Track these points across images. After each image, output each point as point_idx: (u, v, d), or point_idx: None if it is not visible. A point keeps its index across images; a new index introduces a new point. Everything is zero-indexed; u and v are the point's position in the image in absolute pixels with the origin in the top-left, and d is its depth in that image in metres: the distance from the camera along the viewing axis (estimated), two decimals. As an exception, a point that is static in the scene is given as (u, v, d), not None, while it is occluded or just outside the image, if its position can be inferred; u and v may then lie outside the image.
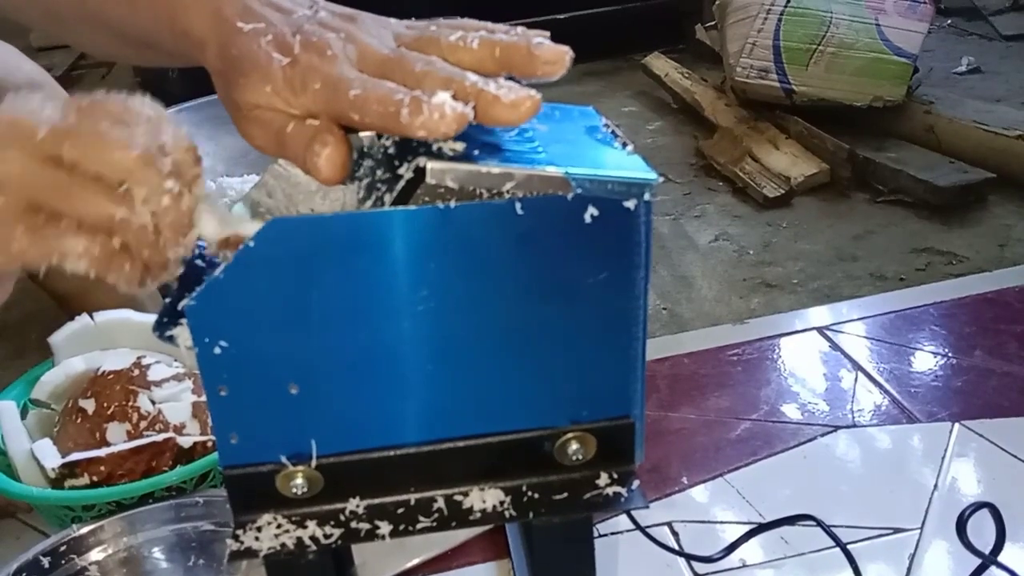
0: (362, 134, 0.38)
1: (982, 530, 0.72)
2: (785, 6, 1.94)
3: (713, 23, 2.25)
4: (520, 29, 0.39)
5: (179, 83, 2.04)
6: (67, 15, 0.51)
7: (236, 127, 0.40)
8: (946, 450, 0.84)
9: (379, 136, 0.38)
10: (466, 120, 0.34)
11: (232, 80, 0.38)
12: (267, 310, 0.34)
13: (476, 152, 0.35)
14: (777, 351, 1.01)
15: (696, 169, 1.90)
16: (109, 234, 0.35)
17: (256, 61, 0.38)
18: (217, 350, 0.34)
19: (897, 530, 0.76)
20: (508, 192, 0.34)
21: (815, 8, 1.94)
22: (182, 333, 0.36)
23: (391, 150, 0.36)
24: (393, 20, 0.41)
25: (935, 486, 0.80)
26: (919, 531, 0.76)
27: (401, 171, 0.34)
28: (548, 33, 0.38)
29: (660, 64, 2.25)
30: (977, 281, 1.15)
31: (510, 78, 0.37)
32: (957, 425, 0.87)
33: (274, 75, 0.37)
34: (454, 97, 0.34)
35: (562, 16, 2.34)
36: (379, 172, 0.36)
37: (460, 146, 0.34)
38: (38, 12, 0.53)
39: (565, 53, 0.37)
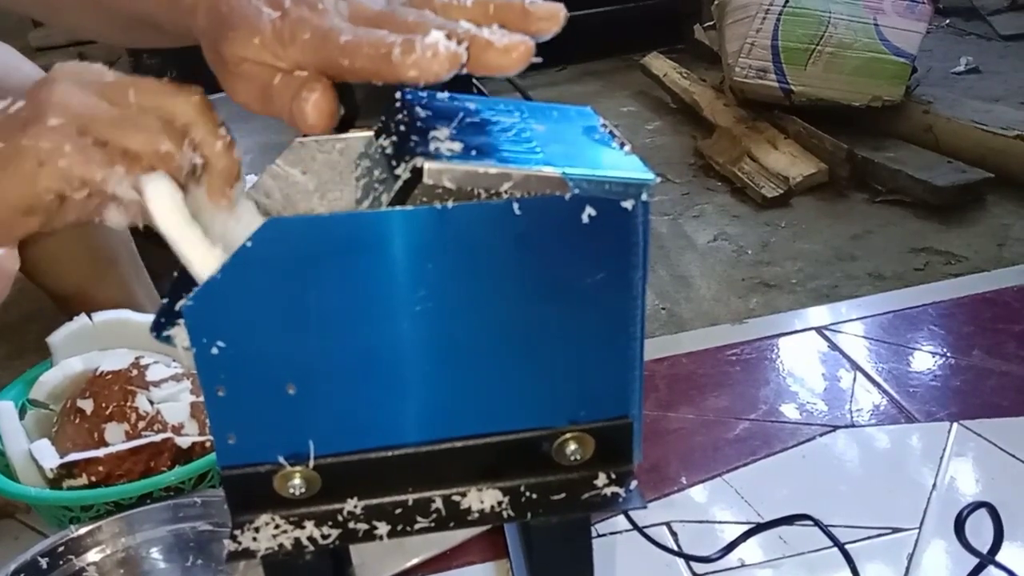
0: (359, 133, 0.38)
1: (980, 530, 0.72)
2: (784, 6, 1.95)
3: (712, 23, 2.25)
4: None
5: (178, 82, 2.04)
6: None
7: (221, 83, 0.40)
8: (944, 450, 0.84)
9: (376, 136, 0.38)
10: (459, 60, 0.34)
11: (220, 34, 0.39)
12: (265, 310, 0.34)
13: (473, 152, 0.34)
14: (776, 351, 1.01)
15: (695, 169, 1.90)
16: (151, 166, 0.37)
17: (245, 14, 0.38)
18: (215, 351, 0.34)
19: (895, 530, 0.76)
20: (506, 192, 0.34)
21: (813, 8, 1.94)
22: (179, 334, 0.36)
23: (388, 150, 0.36)
24: None
25: (933, 486, 0.80)
26: (917, 531, 0.76)
27: (398, 171, 0.34)
28: None
29: (659, 64, 2.25)
30: (975, 281, 1.15)
31: None
32: (956, 425, 0.87)
33: (263, 27, 0.37)
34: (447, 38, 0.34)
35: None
36: (376, 172, 0.36)
37: (457, 146, 0.34)
38: None
39: (559, 10, 0.37)
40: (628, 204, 0.34)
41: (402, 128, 0.37)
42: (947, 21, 2.61)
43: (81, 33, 0.57)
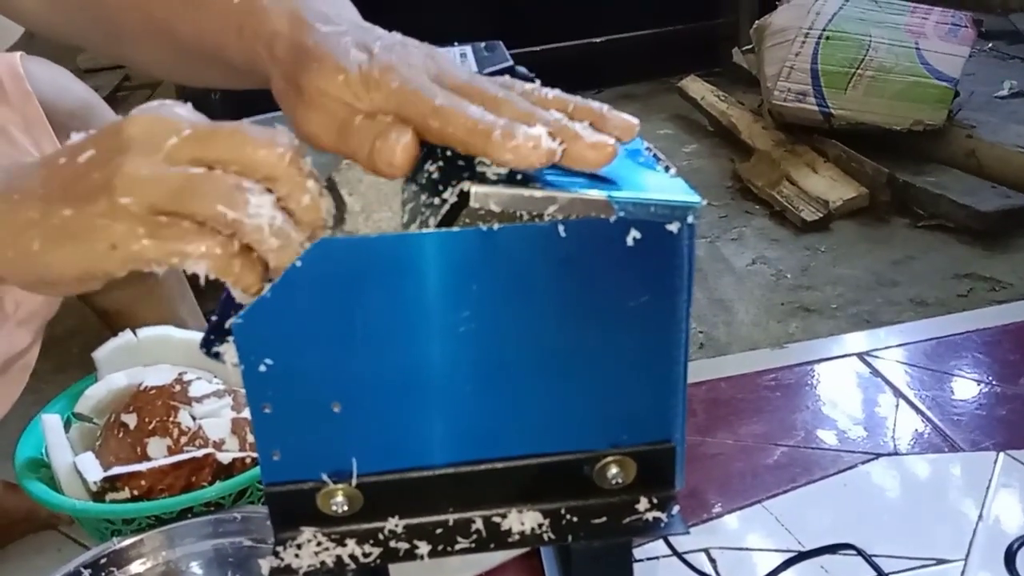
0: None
1: (1029, 563, 0.71)
2: (823, 30, 1.94)
3: (750, 47, 2.24)
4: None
5: (220, 105, 2.07)
6: (131, 31, 0.51)
7: (291, 111, 0.40)
8: (991, 480, 0.82)
9: (423, 161, 0.39)
10: (555, 156, 0.34)
11: (303, 63, 0.38)
12: (312, 329, 0.34)
13: (519, 176, 0.35)
14: (816, 377, 1.00)
15: (733, 192, 1.89)
16: (229, 235, 0.35)
17: (332, 50, 0.38)
18: (262, 368, 0.34)
19: (940, 561, 0.74)
20: (551, 215, 0.34)
21: (854, 32, 1.92)
22: (228, 350, 0.36)
23: (435, 175, 0.37)
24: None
25: (980, 516, 0.78)
26: (963, 562, 0.74)
27: (445, 195, 0.35)
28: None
29: (696, 87, 2.25)
30: (1021, 308, 1.13)
31: None
32: (1002, 455, 0.85)
33: (350, 66, 0.37)
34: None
35: (598, 39, 2.34)
36: (423, 197, 0.37)
37: (503, 170, 0.35)
38: (100, 31, 0.54)
39: (635, 126, 0.38)
40: (674, 227, 0.34)
41: (448, 153, 0.37)
42: (990, 45, 2.58)
43: (147, 68, 0.56)
